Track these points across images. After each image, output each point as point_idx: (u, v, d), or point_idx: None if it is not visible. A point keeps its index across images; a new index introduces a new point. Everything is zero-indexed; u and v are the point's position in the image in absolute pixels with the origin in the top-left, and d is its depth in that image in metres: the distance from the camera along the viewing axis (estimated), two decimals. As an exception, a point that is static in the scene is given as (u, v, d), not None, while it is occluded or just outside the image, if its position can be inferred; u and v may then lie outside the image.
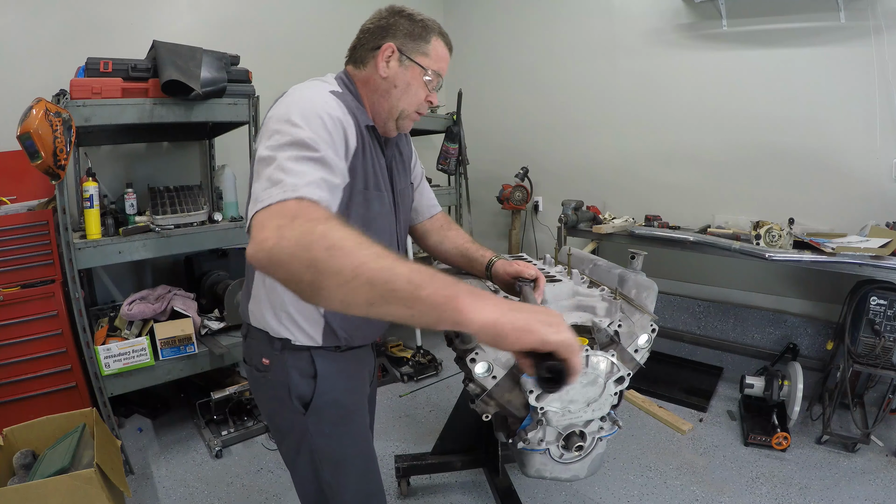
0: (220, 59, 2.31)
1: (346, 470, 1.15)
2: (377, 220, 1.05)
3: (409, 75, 1.05)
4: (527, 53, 3.92)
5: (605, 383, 1.20)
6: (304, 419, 1.09)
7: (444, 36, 1.09)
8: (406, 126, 1.11)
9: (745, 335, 3.08)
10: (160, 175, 2.98)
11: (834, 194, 2.74)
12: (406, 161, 1.26)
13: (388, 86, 1.05)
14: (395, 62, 1.04)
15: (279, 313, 1.06)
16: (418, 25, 1.05)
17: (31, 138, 1.82)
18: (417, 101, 1.08)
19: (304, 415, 1.08)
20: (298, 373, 1.08)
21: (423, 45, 1.05)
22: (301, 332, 1.07)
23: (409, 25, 1.05)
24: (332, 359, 1.11)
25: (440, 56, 1.07)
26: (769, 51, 2.83)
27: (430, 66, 1.06)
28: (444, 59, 1.09)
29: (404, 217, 1.23)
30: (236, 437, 2.50)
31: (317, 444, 1.11)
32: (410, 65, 1.04)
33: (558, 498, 2.10)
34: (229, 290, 2.58)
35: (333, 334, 1.07)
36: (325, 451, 1.12)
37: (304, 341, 1.07)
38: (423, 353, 3.32)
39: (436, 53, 1.06)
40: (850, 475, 2.17)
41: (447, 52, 1.10)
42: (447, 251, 1.37)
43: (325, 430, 1.11)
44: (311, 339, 1.07)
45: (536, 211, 4.05)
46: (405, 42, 1.04)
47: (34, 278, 2.21)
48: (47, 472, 1.68)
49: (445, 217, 1.41)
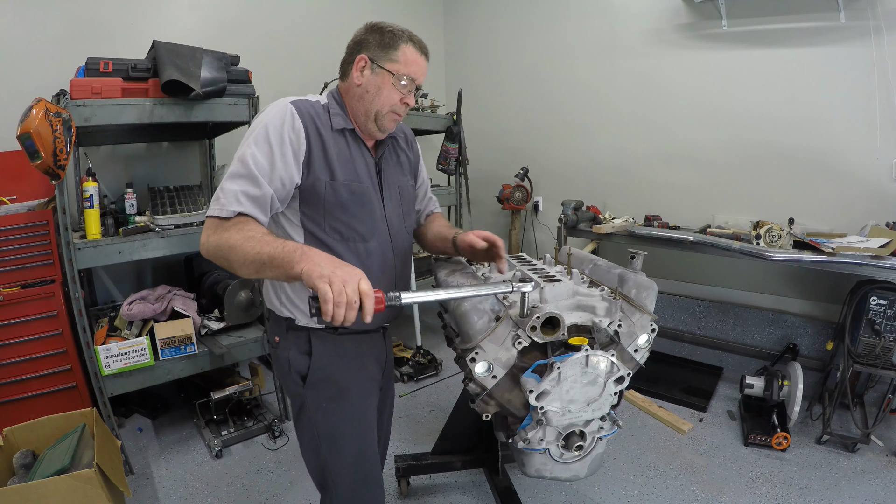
0: (220, 59, 2.32)
1: (340, 447, 1.28)
2: (348, 206, 1.21)
3: (379, 80, 1.20)
4: (527, 53, 3.92)
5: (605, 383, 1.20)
6: (304, 392, 1.27)
7: (413, 42, 1.22)
8: (387, 126, 1.25)
9: (745, 335, 3.08)
10: (160, 175, 2.98)
11: (834, 194, 2.74)
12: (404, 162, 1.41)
13: (362, 91, 1.21)
14: (368, 70, 1.20)
15: (280, 295, 1.27)
16: (387, 36, 1.20)
17: (31, 138, 1.82)
18: (390, 102, 1.21)
19: (302, 387, 1.27)
20: (297, 350, 1.26)
21: (392, 53, 1.19)
22: (300, 312, 1.25)
23: (379, 37, 1.20)
24: (328, 340, 1.27)
25: (409, 60, 1.20)
26: (769, 51, 2.83)
27: (400, 71, 1.19)
28: (414, 63, 1.21)
29: (406, 209, 1.38)
30: (236, 437, 2.50)
31: (315, 417, 1.28)
32: (381, 71, 1.19)
33: (558, 498, 2.10)
34: (229, 290, 2.58)
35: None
36: (322, 425, 1.28)
37: (304, 321, 1.25)
38: (423, 353, 3.32)
39: (405, 59, 1.19)
40: (850, 475, 2.17)
41: (418, 55, 1.22)
42: (430, 241, 1.52)
43: (322, 403, 1.27)
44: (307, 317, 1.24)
45: (536, 211, 4.05)
46: (376, 52, 1.19)
47: (34, 278, 2.21)
48: (47, 472, 1.68)
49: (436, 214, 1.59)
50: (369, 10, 3.84)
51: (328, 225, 1.20)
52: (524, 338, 1.16)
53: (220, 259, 1.08)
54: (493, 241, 1.33)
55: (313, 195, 1.18)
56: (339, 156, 1.21)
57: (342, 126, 1.22)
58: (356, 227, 1.23)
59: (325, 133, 1.20)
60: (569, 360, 1.14)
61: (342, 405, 1.28)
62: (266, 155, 1.12)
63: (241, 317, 2.65)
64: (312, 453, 1.32)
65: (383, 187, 1.30)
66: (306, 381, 1.26)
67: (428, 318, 3.98)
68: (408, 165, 1.43)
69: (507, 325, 1.20)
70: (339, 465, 1.28)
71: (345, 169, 1.21)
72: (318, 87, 3.20)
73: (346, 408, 1.28)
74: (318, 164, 1.18)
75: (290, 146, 1.14)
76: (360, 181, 1.23)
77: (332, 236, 1.21)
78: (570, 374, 1.16)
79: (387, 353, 1.45)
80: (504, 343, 1.18)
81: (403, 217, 1.37)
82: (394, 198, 1.33)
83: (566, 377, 1.15)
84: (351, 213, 1.22)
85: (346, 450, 1.29)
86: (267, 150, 1.12)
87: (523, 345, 1.17)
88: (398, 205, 1.35)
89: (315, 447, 1.30)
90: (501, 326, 1.20)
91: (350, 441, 1.29)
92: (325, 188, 1.18)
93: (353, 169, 1.23)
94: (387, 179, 1.32)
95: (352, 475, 1.30)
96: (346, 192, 1.20)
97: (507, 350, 1.18)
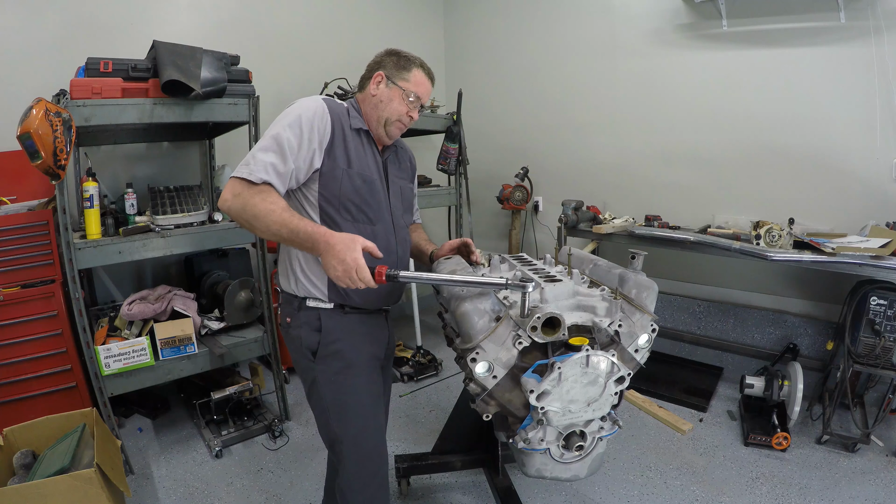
0: (220, 59, 2.31)
1: (348, 418, 1.41)
2: (361, 192, 1.38)
3: (392, 93, 1.42)
4: (527, 53, 3.92)
5: (605, 383, 1.20)
6: (314, 366, 1.41)
7: (424, 68, 1.45)
8: (393, 133, 1.45)
9: (745, 335, 3.08)
10: (160, 175, 2.98)
11: (834, 194, 2.74)
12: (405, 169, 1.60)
13: (376, 101, 1.43)
14: (384, 85, 1.43)
15: (292, 278, 1.42)
16: (403, 60, 1.44)
17: (31, 138, 1.82)
18: (398, 112, 1.42)
19: (313, 362, 1.41)
20: (308, 327, 1.40)
21: (405, 74, 1.43)
22: (314, 287, 1.39)
23: (396, 60, 1.44)
24: (337, 317, 1.41)
25: (418, 82, 1.44)
26: (769, 51, 2.83)
27: (409, 89, 1.42)
28: (422, 85, 1.44)
29: (405, 206, 1.56)
30: (236, 437, 2.50)
31: (324, 390, 1.41)
32: (393, 87, 1.42)
33: (558, 498, 2.10)
34: (229, 290, 2.58)
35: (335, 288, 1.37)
36: (331, 397, 1.41)
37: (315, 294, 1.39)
38: (423, 353, 3.32)
39: (415, 80, 1.43)
40: (850, 475, 2.17)
41: (426, 79, 1.45)
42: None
43: (331, 377, 1.40)
44: (319, 291, 1.39)
45: (536, 211, 4.05)
46: (392, 71, 1.43)
47: (34, 278, 2.21)
48: (47, 472, 1.68)
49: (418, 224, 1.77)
50: (369, 11, 3.84)
51: (342, 206, 1.36)
52: (525, 338, 1.16)
53: (241, 220, 1.24)
54: (464, 241, 1.58)
55: (332, 179, 1.35)
56: (356, 150, 1.40)
57: (359, 126, 1.41)
58: (365, 210, 1.39)
59: (347, 129, 1.39)
60: (569, 360, 1.14)
61: (349, 378, 1.41)
62: (297, 137, 1.29)
63: (241, 317, 2.65)
64: (324, 427, 1.46)
65: (389, 182, 1.49)
66: (317, 356, 1.40)
67: (428, 318, 3.98)
68: (408, 173, 1.63)
69: (507, 325, 1.20)
70: (346, 434, 1.41)
71: (359, 161, 1.39)
72: (318, 86, 3.20)
73: (353, 381, 1.41)
74: (338, 153, 1.36)
75: (317, 134, 1.32)
76: (370, 172, 1.42)
77: (345, 216, 1.37)
78: (571, 374, 1.16)
79: (388, 334, 1.57)
80: (504, 343, 1.19)
81: (403, 211, 1.54)
82: (396, 193, 1.51)
83: (567, 377, 1.15)
84: (362, 197, 1.38)
85: (353, 421, 1.41)
86: (298, 133, 1.29)
87: (524, 345, 1.17)
88: (400, 200, 1.52)
89: (326, 421, 1.43)
90: (502, 326, 1.20)
91: (357, 411, 1.41)
92: (342, 174, 1.36)
93: (366, 162, 1.41)
94: (391, 176, 1.50)
95: (359, 445, 1.42)
96: (359, 180, 1.38)
97: (507, 350, 1.18)
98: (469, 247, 1.58)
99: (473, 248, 1.58)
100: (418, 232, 1.75)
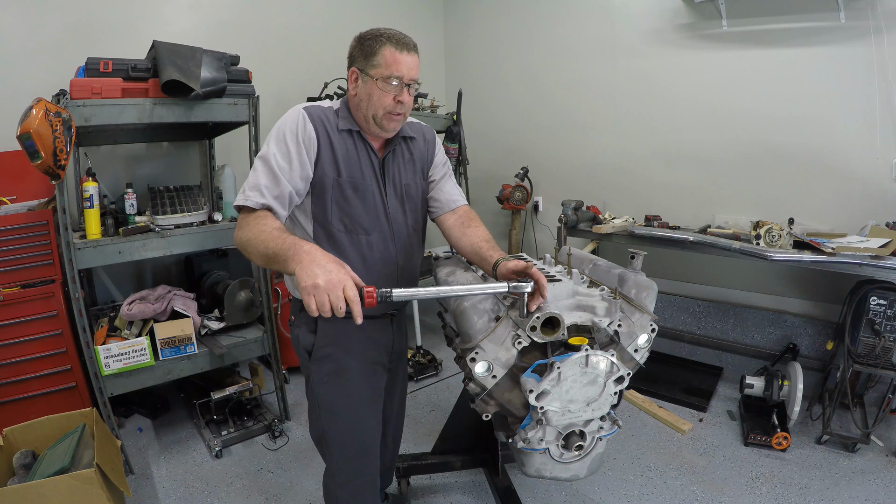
0: (220, 59, 2.31)
1: (336, 418, 1.42)
2: (353, 200, 1.33)
3: (369, 88, 1.28)
4: (527, 53, 3.92)
5: (604, 383, 1.20)
6: (310, 365, 1.42)
7: (392, 41, 1.26)
8: (388, 126, 1.33)
9: (745, 335, 3.08)
10: (160, 175, 2.98)
11: (834, 194, 2.73)
12: (417, 161, 1.48)
13: (358, 101, 1.32)
14: (360, 81, 1.30)
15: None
16: (367, 44, 1.28)
17: (31, 138, 1.82)
18: (383, 105, 1.29)
19: (308, 361, 1.42)
20: (306, 328, 1.41)
21: (373, 59, 1.27)
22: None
23: (361, 47, 1.29)
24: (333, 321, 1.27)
25: (390, 62, 1.26)
26: (769, 51, 2.83)
27: (383, 74, 1.26)
28: (395, 63, 1.26)
29: (411, 206, 1.46)
30: (236, 437, 2.50)
31: (317, 389, 1.42)
32: (368, 79, 1.28)
33: (558, 498, 2.10)
34: (229, 290, 2.58)
35: None
36: (323, 397, 1.42)
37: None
38: (423, 353, 3.32)
39: (385, 61, 1.26)
40: (850, 475, 2.17)
41: (399, 53, 1.26)
42: (464, 248, 1.48)
43: (324, 378, 1.41)
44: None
45: (536, 211, 4.05)
46: (361, 62, 1.29)
47: (34, 278, 2.21)
48: (47, 472, 1.68)
49: (468, 213, 1.54)
50: (369, 10, 3.84)
51: (334, 217, 1.33)
52: (524, 338, 1.16)
53: (243, 252, 1.21)
54: (536, 279, 1.16)
55: (322, 190, 1.31)
56: (345, 154, 1.33)
57: (347, 127, 1.34)
58: (359, 220, 1.35)
59: (333, 134, 1.32)
60: (569, 360, 1.14)
61: (340, 381, 1.41)
62: (284, 154, 1.26)
63: (241, 317, 2.65)
64: (315, 423, 1.49)
65: (386, 185, 1.40)
66: (311, 357, 1.41)
67: (428, 318, 3.98)
68: (420, 164, 1.49)
69: (506, 325, 1.20)
70: (335, 434, 1.43)
71: (349, 166, 1.33)
72: (318, 86, 3.20)
73: (344, 384, 1.41)
74: (325, 162, 1.31)
75: (303, 145, 1.28)
76: (363, 178, 1.35)
77: (338, 227, 1.34)
78: (570, 374, 1.16)
79: (395, 339, 1.54)
80: (504, 343, 1.19)
81: (407, 214, 1.45)
82: (398, 195, 1.43)
83: (566, 377, 1.15)
84: (354, 207, 1.34)
85: (341, 422, 1.43)
86: (285, 149, 1.26)
87: (523, 345, 1.17)
88: (402, 202, 1.44)
89: (316, 416, 1.46)
90: (501, 326, 1.20)
91: (345, 414, 1.42)
92: (332, 184, 1.31)
93: (358, 166, 1.35)
94: (391, 177, 1.41)
95: (345, 445, 1.44)
96: (349, 188, 1.33)
97: (507, 350, 1.18)
98: (541, 289, 1.16)
99: (544, 293, 1.16)
100: (473, 227, 1.46)
